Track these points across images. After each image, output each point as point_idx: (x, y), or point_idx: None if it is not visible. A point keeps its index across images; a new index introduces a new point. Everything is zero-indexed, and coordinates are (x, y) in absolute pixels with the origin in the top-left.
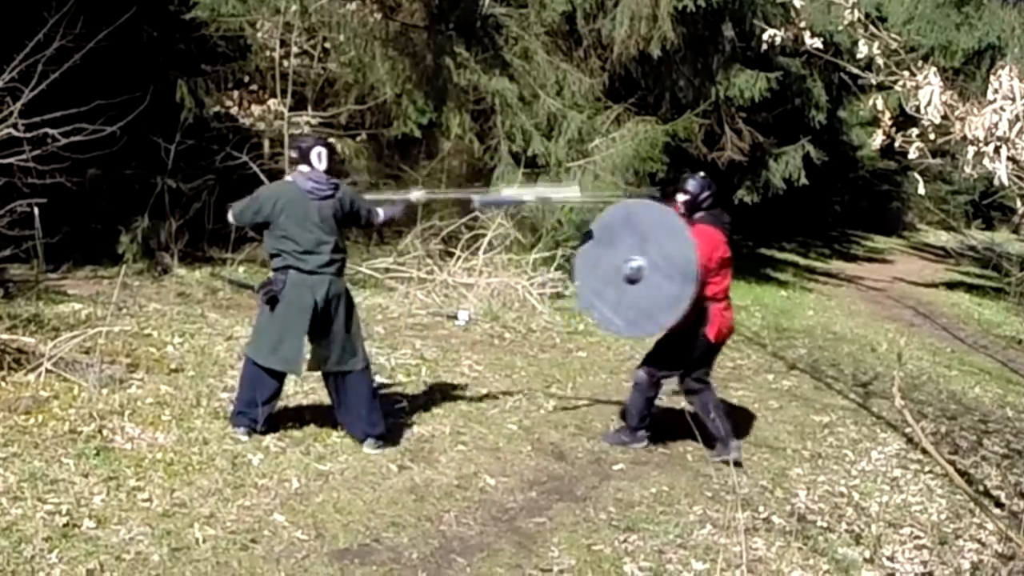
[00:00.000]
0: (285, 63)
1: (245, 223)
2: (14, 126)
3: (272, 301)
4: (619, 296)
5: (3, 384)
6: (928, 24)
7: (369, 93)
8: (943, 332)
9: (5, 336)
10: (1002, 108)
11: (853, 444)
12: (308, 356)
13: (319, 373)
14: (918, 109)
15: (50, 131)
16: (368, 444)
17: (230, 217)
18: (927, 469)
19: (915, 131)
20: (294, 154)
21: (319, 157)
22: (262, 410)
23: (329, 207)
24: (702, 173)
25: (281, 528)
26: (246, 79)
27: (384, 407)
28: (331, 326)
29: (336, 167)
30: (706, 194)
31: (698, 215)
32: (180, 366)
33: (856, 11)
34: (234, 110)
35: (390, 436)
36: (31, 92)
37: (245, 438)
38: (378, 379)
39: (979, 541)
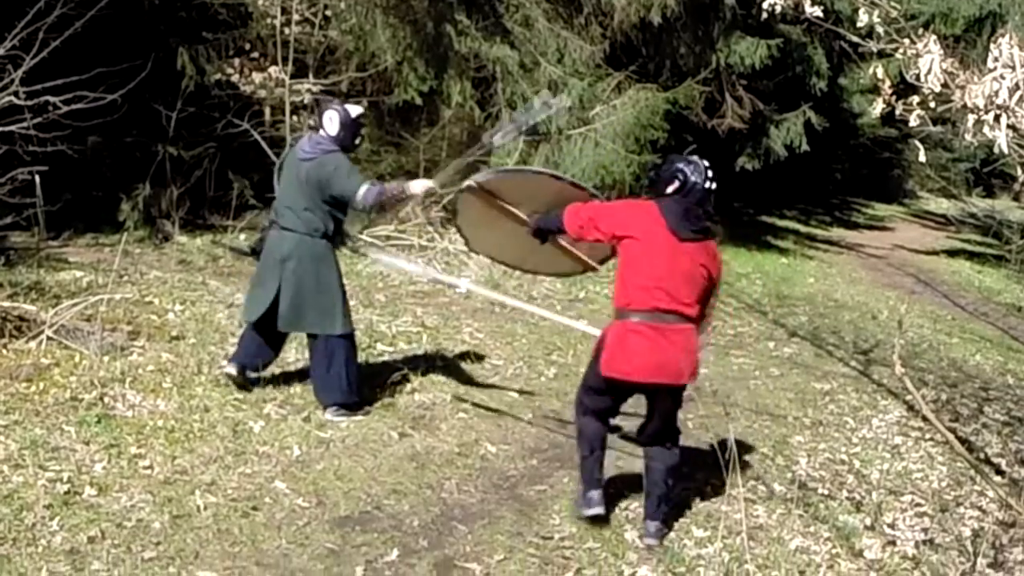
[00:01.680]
0: (286, 31)
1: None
2: (15, 94)
3: (255, 253)
4: None
5: (4, 351)
6: None
7: (370, 61)
8: (944, 299)
9: (6, 304)
10: (1002, 76)
11: (854, 411)
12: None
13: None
14: (918, 77)
15: (51, 99)
16: (329, 411)
17: None
18: (928, 436)
19: (915, 99)
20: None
21: (329, 120)
22: (243, 352)
23: (307, 169)
24: (684, 159)
25: (282, 495)
26: (247, 47)
27: (385, 375)
28: (298, 285)
29: (348, 132)
30: (672, 187)
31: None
32: (181, 333)
33: None
34: (235, 78)
35: (356, 405)
36: (32, 60)
37: (233, 370)
38: (379, 347)
39: (980, 508)
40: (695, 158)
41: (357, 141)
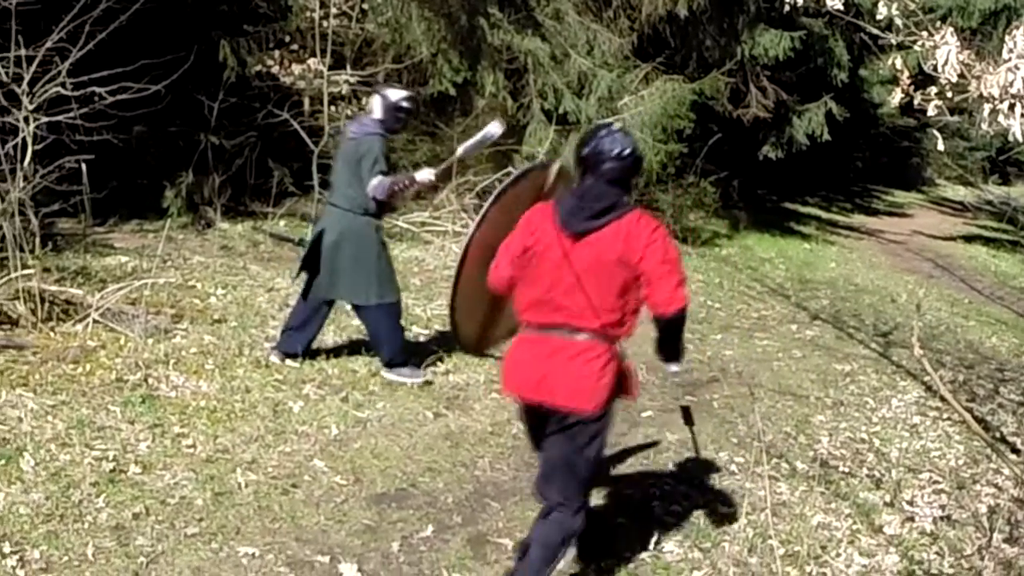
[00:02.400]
0: (324, 23)
1: None
2: (62, 85)
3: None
4: None
5: (52, 334)
6: None
7: (406, 52)
8: (961, 284)
9: (54, 288)
10: (1017, 67)
11: (874, 392)
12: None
13: (358, 323)
14: (936, 68)
15: (97, 89)
16: (383, 371)
17: None
18: (945, 416)
19: (933, 89)
20: None
21: (375, 104)
22: (293, 335)
23: (349, 148)
24: (596, 127)
25: (321, 473)
26: (287, 39)
27: (420, 356)
28: (333, 256)
29: (390, 115)
30: (582, 168)
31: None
32: (223, 317)
33: None
34: (275, 69)
35: (404, 363)
36: (79, 52)
37: (277, 360)
38: (415, 329)
39: (996, 486)
40: (614, 126)
41: (399, 125)
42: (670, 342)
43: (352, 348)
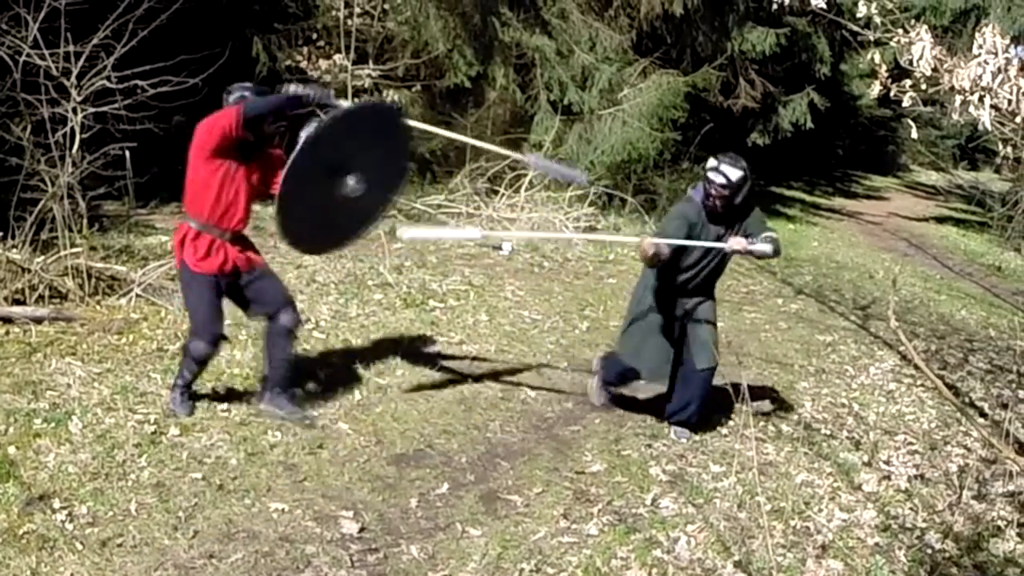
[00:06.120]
0: (349, 22)
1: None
2: (108, 78)
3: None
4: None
5: (98, 307)
6: None
7: (424, 48)
8: (933, 261)
9: (100, 265)
10: (986, 62)
11: (853, 361)
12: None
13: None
14: (911, 62)
15: (140, 82)
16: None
17: None
18: (919, 383)
19: (908, 82)
20: None
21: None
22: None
23: None
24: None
25: (345, 435)
26: (314, 36)
27: (436, 328)
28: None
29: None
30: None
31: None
32: None
33: None
34: (303, 64)
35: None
36: (123, 48)
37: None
38: (431, 303)
39: (965, 447)
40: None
41: (708, 201)
42: None
43: (376, 324)
